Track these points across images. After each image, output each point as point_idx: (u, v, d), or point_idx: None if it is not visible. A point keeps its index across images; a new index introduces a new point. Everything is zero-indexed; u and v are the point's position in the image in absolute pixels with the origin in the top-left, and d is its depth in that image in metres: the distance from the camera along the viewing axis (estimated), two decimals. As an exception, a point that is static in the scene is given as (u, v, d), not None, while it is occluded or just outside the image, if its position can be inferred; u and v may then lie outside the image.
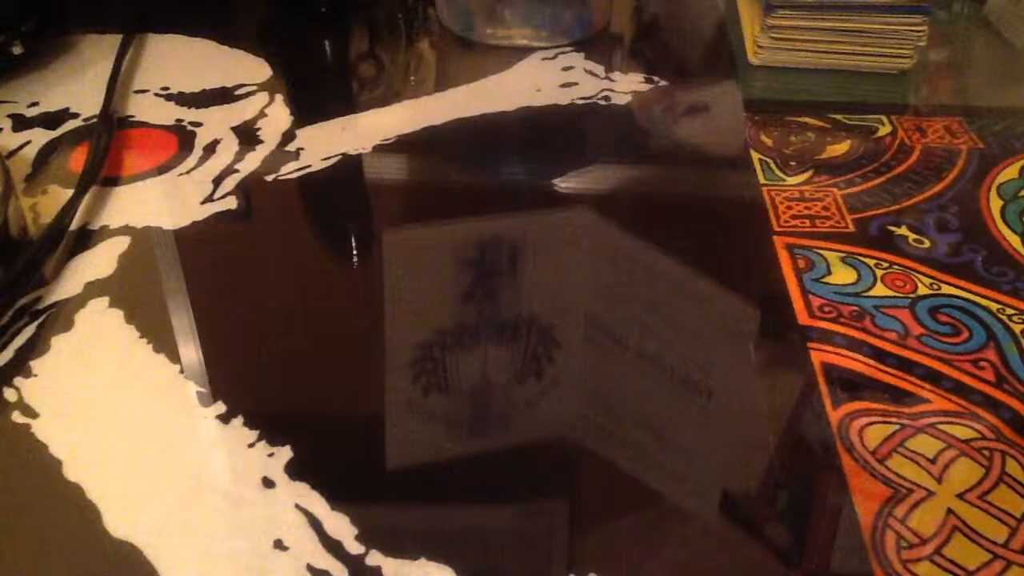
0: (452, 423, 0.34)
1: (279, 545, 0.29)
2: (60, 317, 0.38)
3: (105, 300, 0.39)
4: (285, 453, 0.32)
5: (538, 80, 0.56)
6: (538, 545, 0.30)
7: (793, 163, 0.49)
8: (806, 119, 0.53)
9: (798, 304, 0.39)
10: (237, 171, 0.47)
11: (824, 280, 0.40)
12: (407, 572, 0.29)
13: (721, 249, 0.43)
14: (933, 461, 0.32)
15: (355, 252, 0.44)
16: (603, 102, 0.54)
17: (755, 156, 0.49)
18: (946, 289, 0.40)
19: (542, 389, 0.36)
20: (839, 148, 0.50)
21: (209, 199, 0.45)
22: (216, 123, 0.51)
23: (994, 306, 0.39)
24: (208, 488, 0.31)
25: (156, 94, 0.54)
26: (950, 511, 0.31)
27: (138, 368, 0.36)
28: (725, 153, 0.51)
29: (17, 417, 0.34)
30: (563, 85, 0.56)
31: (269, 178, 0.47)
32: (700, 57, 0.63)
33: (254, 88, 0.55)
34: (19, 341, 0.37)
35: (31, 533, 0.30)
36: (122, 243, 0.42)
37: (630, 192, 0.48)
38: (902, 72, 0.57)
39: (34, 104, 0.53)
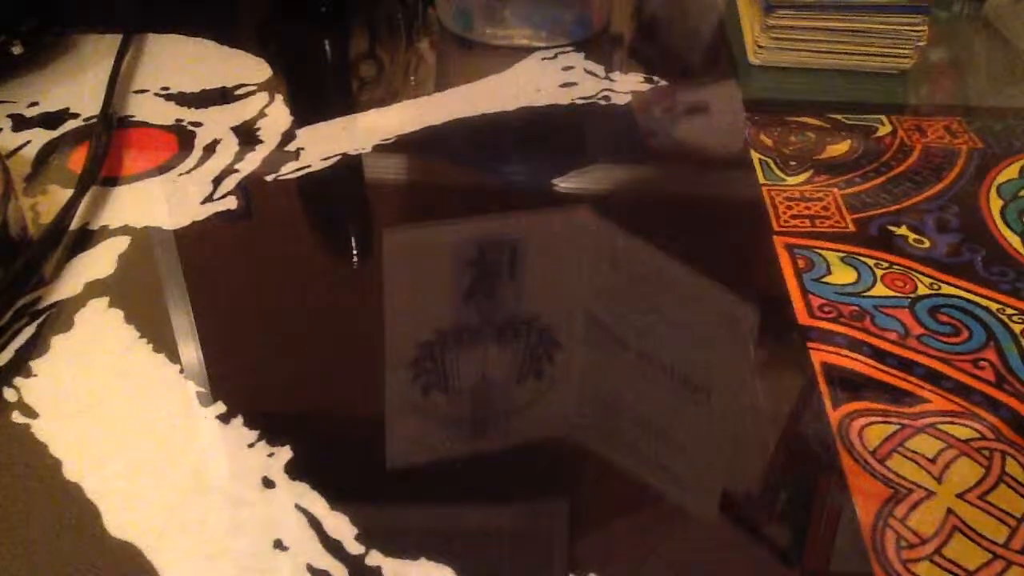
0: (452, 423, 0.34)
1: (279, 545, 0.29)
2: (60, 317, 0.38)
3: (105, 300, 0.39)
4: (285, 453, 0.32)
5: (538, 80, 0.56)
6: (538, 545, 0.30)
7: (793, 163, 0.49)
8: (806, 119, 0.53)
9: (798, 304, 0.39)
10: (237, 171, 0.47)
11: (824, 280, 0.40)
12: (407, 572, 0.29)
13: (721, 249, 0.43)
14: (933, 461, 0.32)
15: (355, 252, 0.44)
16: (603, 102, 0.54)
17: (755, 156, 0.49)
18: (946, 289, 0.40)
19: (542, 389, 0.36)
20: (839, 148, 0.50)
21: (209, 199, 0.45)
22: (216, 123, 0.51)
23: (994, 306, 0.39)
24: (208, 488, 0.31)
25: (156, 94, 0.54)
26: (950, 511, 0.31)
27: (138, 368, 0.36)
28: (725, 153, 0.51)
29: (17, 417, 0.34)
30: (563, 85, 0.56)
31: (269, 178, 0.47)
32: (700, 57, 0.63)
33: (254, 88, 0.55)
34: (19, 341, 0.37)
35: (31, 533, 0.30)
36: (122, 243, 0.42)
37: (630, 192, 0.48)
38: (902, 72, 0.57)
39: (34, 104, 0.53)
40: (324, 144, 0.50)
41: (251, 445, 0.33)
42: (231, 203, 0.45)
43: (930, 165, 0.49)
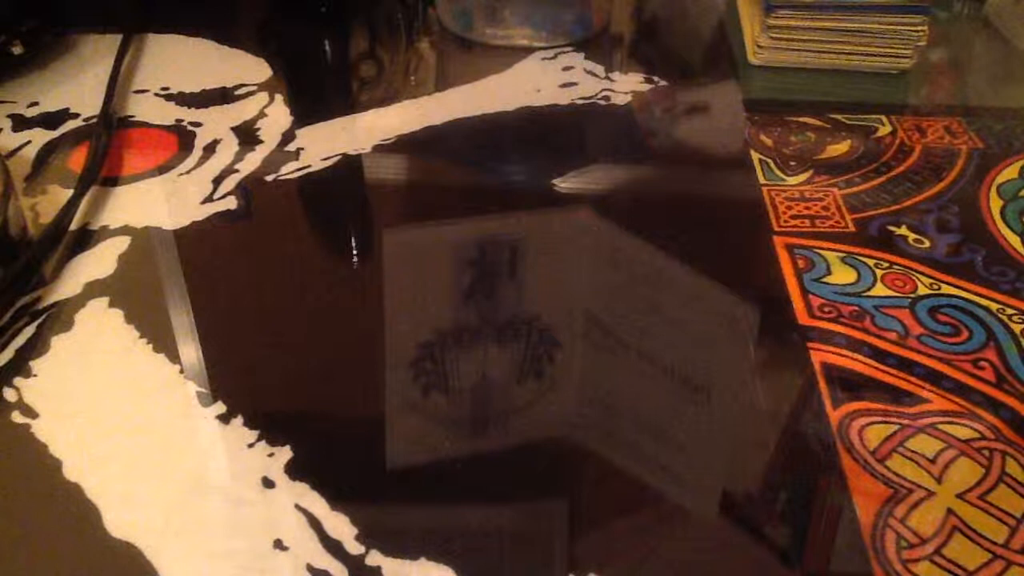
0: (452, 423, 0.34)
1: (279, 545, 0.29)
2: (60, 317, 0.38)
3: (105, 300, 0.39)
4: (285, 453, 0.32)
5: (538, 80, 0.56)
6: (538, 545, 0.30)
7: (793, 163, 0.49)
8: (806, 119, 0.53)
9: (798, 304, 0.39)
10: (237, 171, 0.47)
11: (824, 280, 0.40)
12: (407, 572, 0.29)
13: (721, 249, 0.43)
14: (933, 461, 0.32)
15: (355, 252, 0.44)
16: (603, 102, 0.54)
17: (755, 156, 0.49)
18: (946, 289, 0.40)
19: (542, 389, 0.36)
20: (839, 148, 0.50)
21: (209, 199, 0.45)
22: (216, 123, 0.51)
23: (994, 306, 0.39)
24: (208, 488, 0.31)
25: (156, 94, 0.54)
26: (950, 511, 0.31)
27: (138, 368, 0.36)
28: (725, 153, 0.51)
29: (17, 417, 0.34)
30: (563, 85, 0.56)
31: (269, 178, 0.47)
32: (700, 57, 0.63)
33: (254, 88, 0.55)
34: (19, 341, 0.37)
35: (31, 533, 0.30)
36: (122, 243, 0.42)
37: (630, 192, 0.48)
38: (902, 72, 0.57)
39: (34, 104, 0.53)
40: (324, 144, 0.50)
41: (251, 445, 0.33)
42: (231, 203, 0.45)
43: (930, 165, 0.49)
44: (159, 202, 0.45)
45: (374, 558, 0.29)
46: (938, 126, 0.53)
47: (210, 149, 0.49)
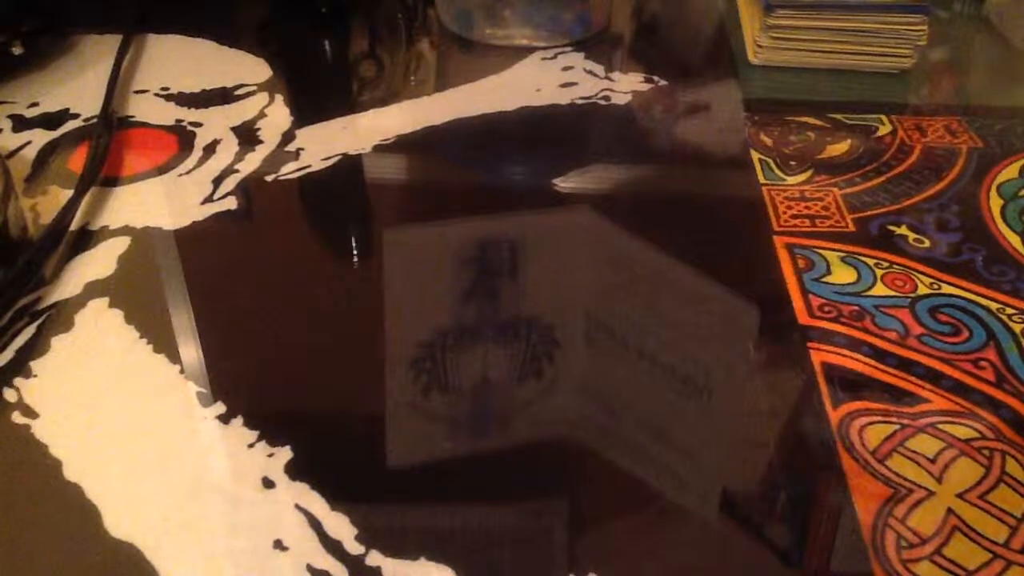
0: (452, 423, 0.34)
1: (279, 545, 0.29)
2: (60, 317, 0.38)
3: (105, 300, 0.39)
4: (285, 453, 0.32)
5: (538, 80, 0.56)
6: (538, 545, 0.30)
7: (793, 163, 0.49)
8: (806, 119, 0.53)
9: (798, 304, 0.39)
10: (237, 171, 0.47)
11: (824, 280, 0.40)
12: (407, 572, 0.29)
13: (721, 249, 0.43)
14: (933, 461, 0.32)
15: (355, 252, 0.44)
16: (603, 102, 0.54)
17: (755, 156, 0.49)
18: (946, 289, 0.40)
19: (542, 389, 0.36)
20: (839, 148, 0.50)
21: (209, 199, 0.45)
22: (216, 123, 0.51)
23: (994, 306, 0.39)
24: (208, 488, 0.31)
25: (156, 94, 0.54)
26: (950, 511, 0.31)
27: (138, 368, 0.36)
28: (725, 153, 0.51)
29: (17, 417, 0.34)
30: (563, 85, 0.56)
31: (269, 178, 0.47)
32: (700, 57, 0.63)
33: (254, 88, 0.55)
34: (19, 341, 0.37)
35: (31, 533, 0.30)
36: (122, 243, 0.42)
37: (630, 192, 0.48)
38: (902, 72, 0.57)
39: (34, 104, 0.53)
40: (324, 144, 0.50)
41: (251, 445, 0.33)
42: (231, 203, 0.45)
43: (930, 165, 0.49)
44: (159, 202, 0.45)
45: (374, 558, 0.29)
46: (938, 126, 0.53)
47: (210, 149, 0.49)
